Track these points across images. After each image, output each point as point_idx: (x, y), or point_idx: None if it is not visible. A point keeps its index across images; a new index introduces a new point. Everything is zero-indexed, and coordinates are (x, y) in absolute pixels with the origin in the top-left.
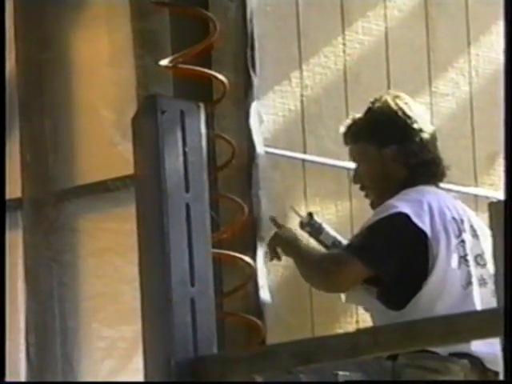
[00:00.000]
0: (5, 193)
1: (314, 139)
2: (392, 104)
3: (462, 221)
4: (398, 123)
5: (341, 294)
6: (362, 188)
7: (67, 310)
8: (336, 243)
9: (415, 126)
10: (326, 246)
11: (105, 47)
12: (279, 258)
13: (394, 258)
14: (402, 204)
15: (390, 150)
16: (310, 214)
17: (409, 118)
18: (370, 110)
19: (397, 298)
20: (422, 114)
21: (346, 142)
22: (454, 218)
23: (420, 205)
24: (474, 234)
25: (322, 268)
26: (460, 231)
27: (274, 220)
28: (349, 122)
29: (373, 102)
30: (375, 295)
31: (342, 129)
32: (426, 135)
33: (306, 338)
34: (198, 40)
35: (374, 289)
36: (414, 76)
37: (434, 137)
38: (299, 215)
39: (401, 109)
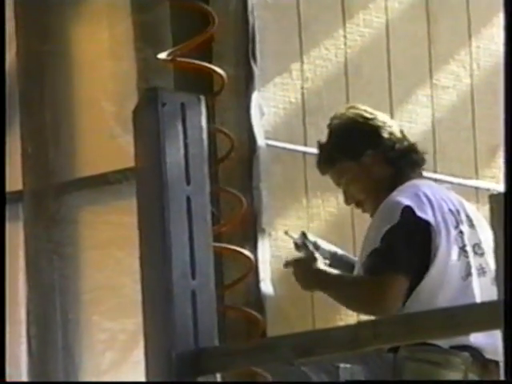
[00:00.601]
0: (5, 186)
1: (315, 132)
2: (349, 114)
3: (458, 212)
4: (362, 128)
5: None
6: (357, 205)
7: (68, 302)
8: (333, 255)
9: (378, 123)
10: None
11: (105, 40)
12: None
13: (419, 257)
14: (403, 198)
15: (367, 156)
16: (304, 234)
17: (369, 119)
18: (331, 131)
19: None
20: (380, 113)
21: (324, 171)
22: (450, 210)
23: (419, 198)
24: (471, 224)
25: (370, 298)
26: (457, 222)
27: (288, 233)
28: (317, 151)
29: (330, 123)
30: None
31: (316, 162)
32: (392, 129)
33: (306, 330)
34: (199, 33)
35: None
36: (414, 68)
37: (400, 128)
38: (293, 238)
39: (358, 115)
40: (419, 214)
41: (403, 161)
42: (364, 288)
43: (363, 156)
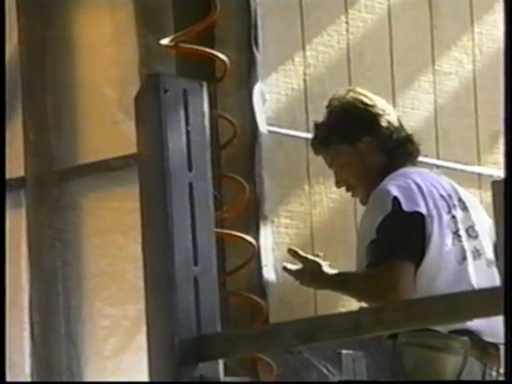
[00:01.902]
0: (5, 173)
1: (318, 118)
2: (348, 98)
3: (449, 196)
4: (361, 114)
5: None
6: (347, 189)
7: (71, 288)
8: None
9: (378, 111)
10: None
11: (107, 26)
12: None
13: (416, 244)
14: (393, 188)
15: (364, 142)
16: (294, 251)
17: (369, 105)
18: (330, 112)
19: None
20: (379, 99)
21: (318, 151)
22: (441, 196)
23: (409, 186)
24: (464, 207)
25: (381, 288)
26: (449, 207)
27: (293, 251)
28: (313, 130)
29: (329, 104)
30: None
31: (310, 141)
32: (391, 117)
33: (308, 316)
34: (201, 19)
35: None
36: (417, 54)
37: (398, 117)
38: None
39: (358, 100)
40: (407, 206)
41: (398, 151)
42: (375, 280)
43: (359, 142)
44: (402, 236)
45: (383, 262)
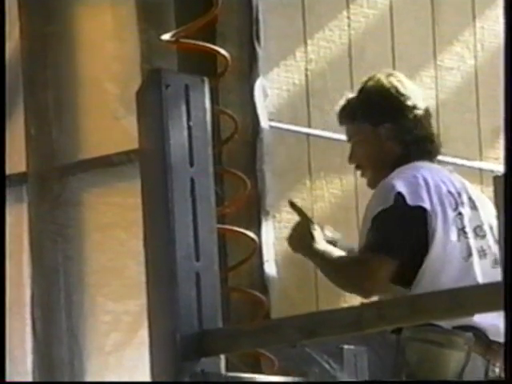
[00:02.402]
0: (5, 168)
1: (319, 113)
2: (385, 82)
3: (458, 194)
4: (391, 101)
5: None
6: (357, 167)
7: (72, 284)
8: (351, 251)
9: (408, 103)
10: None
11: (109, 21)
12: None
13: (409, 241)
14: (399, 183)
15: (385, 128)
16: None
17: (402, 95)
18: (363, 89)
19: (404, 275)
20: (416, 92)
21: (341, 122)
22: (449, 192)
23: (416, 181)
24: (473, 206)
25: (356, 277)
26: (457, 204)
27: (292, 204)
28: (343, 102)
29: (366, 81)
30: None
31: (337, 109)
32: (419, 112)
33: (310, 311)
34: (203, 14)
35: None
36: (418, 49)
37: (427, 114)
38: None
39: (394, 86)
40: (412, 200)
41: (415, 146)
42: (352, 266)
43: (380, 126)
44: (391, 231)
45: (365, 252)
